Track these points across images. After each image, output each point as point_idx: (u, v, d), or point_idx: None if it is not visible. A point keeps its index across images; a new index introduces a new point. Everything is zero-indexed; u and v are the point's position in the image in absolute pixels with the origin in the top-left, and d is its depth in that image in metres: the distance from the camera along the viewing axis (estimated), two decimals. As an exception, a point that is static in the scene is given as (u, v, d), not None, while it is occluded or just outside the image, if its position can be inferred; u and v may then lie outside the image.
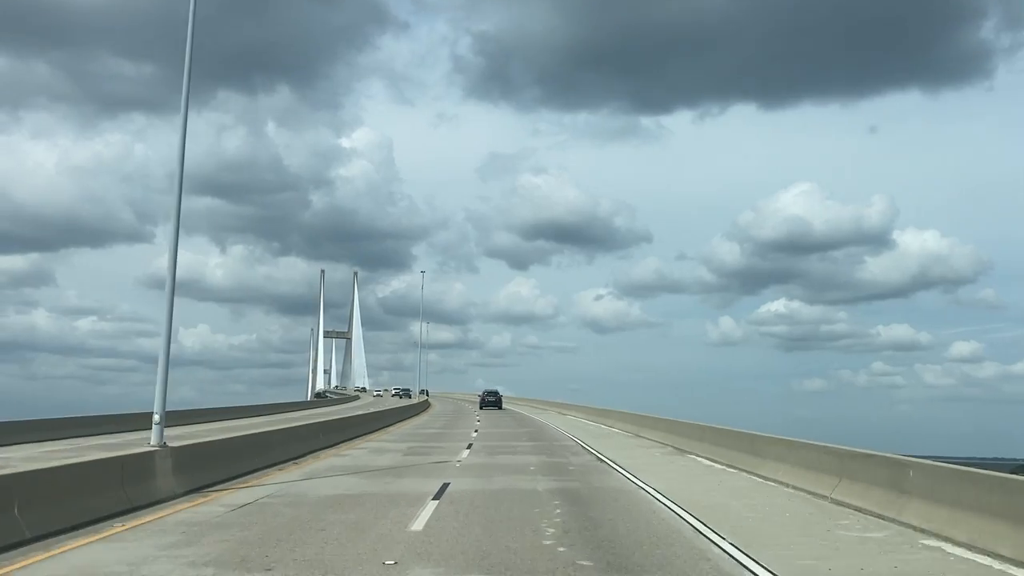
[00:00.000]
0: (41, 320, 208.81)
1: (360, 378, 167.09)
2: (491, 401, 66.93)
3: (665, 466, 20.53)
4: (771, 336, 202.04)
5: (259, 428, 24.90)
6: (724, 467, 19.63)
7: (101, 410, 37.38)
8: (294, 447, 22.37)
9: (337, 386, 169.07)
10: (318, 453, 23.53)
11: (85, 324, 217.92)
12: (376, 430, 36.21)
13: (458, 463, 20.97)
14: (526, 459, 22.29)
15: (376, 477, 17.64)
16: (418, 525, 11.44)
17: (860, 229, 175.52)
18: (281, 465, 19.84)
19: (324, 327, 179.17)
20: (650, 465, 20.68)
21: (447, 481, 16.58)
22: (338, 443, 27.02)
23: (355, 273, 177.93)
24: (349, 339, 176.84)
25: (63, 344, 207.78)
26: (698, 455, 22.72)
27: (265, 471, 18.57)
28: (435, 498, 14.13)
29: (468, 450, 25.30)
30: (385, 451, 25.00)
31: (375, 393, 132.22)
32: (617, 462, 21.28)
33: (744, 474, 18.01)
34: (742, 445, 19.48)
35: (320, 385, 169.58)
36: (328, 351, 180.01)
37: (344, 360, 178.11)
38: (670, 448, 26.04)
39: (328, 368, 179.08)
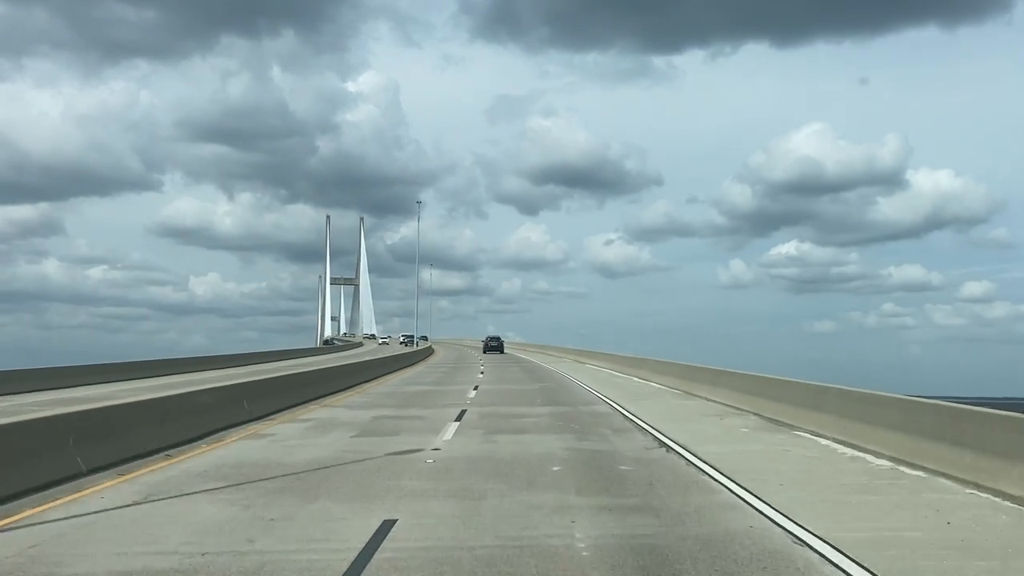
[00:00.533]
0: (52, 270, 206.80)
1: (368, 325, 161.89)
2: (493, 346, 73.10)
3: (785, 461, 11.98)
4: (782, 278, 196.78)
5: (183, 387, 16.71)
6: (898, 467, 11.17)
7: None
8: (182, 425, 14.09)
9: (345, 333, 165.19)
10: (226, 433, 15.28)
11: (96, 273, 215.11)
12: (350, 387, 28.03)
13: (432, 456, 12.65)
14: (545, 444, 13.98)
15: (264, 500, 9.31)
16: None
17: (873, 169, 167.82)
18: (127, 467, 11.60)
19: (333, 274, 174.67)
20: (754, 458, 12.30)
21: (391, 517, 8.31)
22: (275, 412, 18.78)
23: (361, 219, 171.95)
24: (357, 286, 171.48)
25: (75, 293, 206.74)
26: (817, 434, 14.36)
27: (93, 477, 10.42)
28: (331, 598, 5.87)
29: (457, 423, 17.03)
30: (334, 426, 16.76)
31: (381, 340, 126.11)
32: (695, 451, 12.95)
33: (970, 493, 9.63)
34: (928, 426, 11.05)
35: (328, 332, 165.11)
36: (337, 298, 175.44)
37: (352, 307, 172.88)
38: (753, 417, 17.77)
39: (336, 315, 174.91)
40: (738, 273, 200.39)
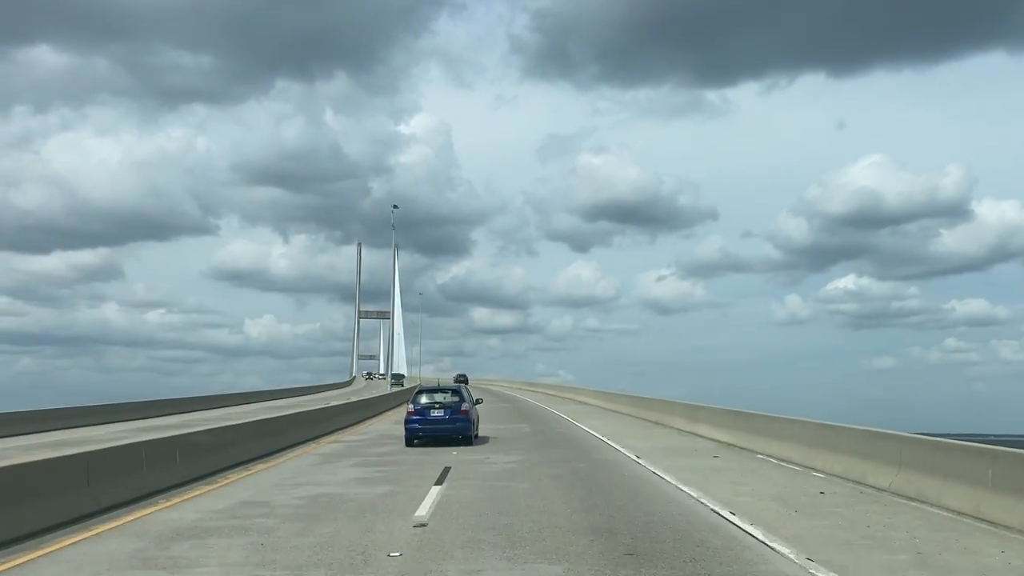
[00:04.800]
0: (111, 313, 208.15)
1: (400, 364, 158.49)
2: (460, 380, 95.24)
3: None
4: (839, 314, 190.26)
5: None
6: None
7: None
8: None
9: (369, 373, 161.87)
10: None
11: (154, 317, 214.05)
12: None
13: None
14: None
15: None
16: None
17: (935, 200, 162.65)
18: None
19: (375, 308, 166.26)
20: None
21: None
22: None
23: (395, 246, 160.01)
24: (391, 320, 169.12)
25: (133, 336, 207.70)
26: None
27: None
28: None
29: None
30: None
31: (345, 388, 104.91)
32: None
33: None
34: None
35: (355, 370, 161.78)
36: (378, 335, 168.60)
37: (388, 343, 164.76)
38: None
39: (375, 354, 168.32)
40: (794, 309, 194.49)
